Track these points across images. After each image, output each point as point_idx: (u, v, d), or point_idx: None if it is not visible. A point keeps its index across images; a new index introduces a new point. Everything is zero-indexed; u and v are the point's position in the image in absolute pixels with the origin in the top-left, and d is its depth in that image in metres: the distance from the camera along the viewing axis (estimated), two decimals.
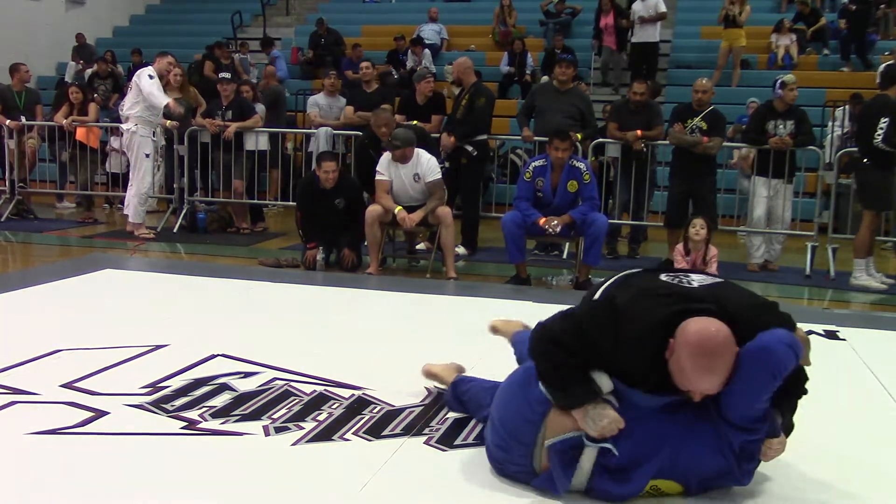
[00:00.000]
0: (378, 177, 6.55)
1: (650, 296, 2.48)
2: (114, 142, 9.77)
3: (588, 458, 2.46)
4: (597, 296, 2.63)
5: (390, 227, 6.82)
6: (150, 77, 8.10)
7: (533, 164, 6.33)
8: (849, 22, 12.70)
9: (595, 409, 2.42)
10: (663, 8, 12.31)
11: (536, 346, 2.54)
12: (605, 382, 2.44)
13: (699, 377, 2.33)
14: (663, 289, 2.51)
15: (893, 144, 6.35)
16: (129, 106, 8.23)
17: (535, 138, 7.79)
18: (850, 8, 12.68)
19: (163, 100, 8.12)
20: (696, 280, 2.58)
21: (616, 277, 2.72)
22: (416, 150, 6.53)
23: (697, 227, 5.96)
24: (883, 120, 6.40)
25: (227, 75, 8.88)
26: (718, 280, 2.65)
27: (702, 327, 2.34)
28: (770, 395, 2.40)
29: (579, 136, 7.09)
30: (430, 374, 3.43)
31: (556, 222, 6.12)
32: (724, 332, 2.34)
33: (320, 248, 6.79)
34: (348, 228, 6.75)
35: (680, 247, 6.18)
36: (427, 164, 6.54)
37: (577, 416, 2.45)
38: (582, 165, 6.27)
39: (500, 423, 2.63)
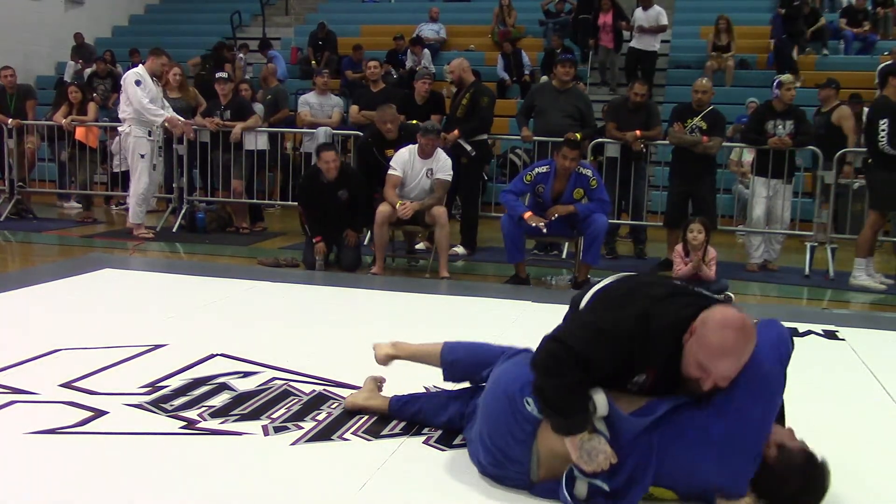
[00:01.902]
0: (390, 171, 6.60)
1: (680, 295, 2.51)
2: (112, 146, 9.76)
3: (581, 489, 2.43)
4: (603, 299, 2.62)
5: (391, 227, 6.83)
6: (138, 83, 8.00)
7: (537, 169, 6.24)
8: (783, 26, 12.55)
9: (589, 441, 2.37)
10: (665, 21, 12.29)
11: (546, 361, 2.40)
12: (601, 403, 2.38)
13: (720, 356, 2.31)
14: (688, 290, 2.59)
15: None
16: (122, 108, 8.23)
17: (535, 138, 7.79)
18: (780, 12, 12.58)
19: (158, 116, 8.08)
20: (706, 293, 2.65)
21: (616, 280, 2.70)
22: (437, 148, 6.65)
23: (695, 232, 5.95)
24: (883, 122, 6.40)
25: (225, 75, 8.86)
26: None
27: (728, 309, 2.39)
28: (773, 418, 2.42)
29: (578, 135, 7.08)
30: (356, 408, 3.19)
31: (543, 223, 6.07)
32: (749, 320, 2.37)
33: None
34: (351, 223, 6.78)
35: (679, 248, 6.18)
36: (443, 163, 6.66)
37: (570, 448, 2.38)
38: (589, 172, 6.20)
39: (490, 441, 2.58)
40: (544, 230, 6.13)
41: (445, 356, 3.05)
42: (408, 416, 3.09)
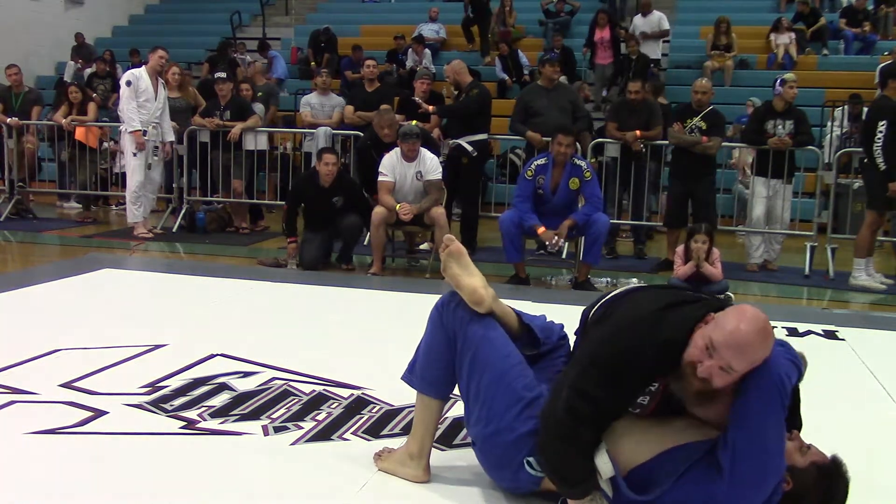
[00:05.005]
0: (381, 178, 6.57)
1: (682, 304, 2.36)
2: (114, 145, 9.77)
3: None
4: (599, 318, 2.52)
5: (390, 228, 6.83)
6: (128, 84, 8.06)
7: (535, 162, 6.33)
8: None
9: (591, 503, 2.30)
10: (667, 25, 12.21)
11: (562, 420, 2.26)
12: (605, 468, 2.29)
13: (731, 341, 2.14)
14: (697, 297, 2.45)
15: (889, 158, 6.32)
16: (120, 108, 8.25)
17: (544, 139, 7.76)
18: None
19: (131, 124, 8.02)
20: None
21: (616, 296, 2.59)
22: (421, 148, 6.61)
23: (699, 243, 6.00)
24: (882, 123, 6.38)
25: (224, 74, 8.85)
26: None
27: (751, 306, 2.28)
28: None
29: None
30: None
31: (555, 239, 6.09)
32: (770, 326, 2.23)
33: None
34: (343, 228, 6.76)
35: (680, 250, 6.19)
36: (430, 163, 6.63)
37: None
38: (583, 164, 6.29)
39: (498, 482, 2.58)
40: (557, 247, 6.18)
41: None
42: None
